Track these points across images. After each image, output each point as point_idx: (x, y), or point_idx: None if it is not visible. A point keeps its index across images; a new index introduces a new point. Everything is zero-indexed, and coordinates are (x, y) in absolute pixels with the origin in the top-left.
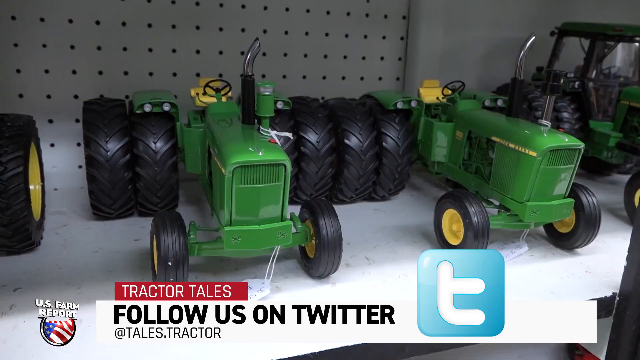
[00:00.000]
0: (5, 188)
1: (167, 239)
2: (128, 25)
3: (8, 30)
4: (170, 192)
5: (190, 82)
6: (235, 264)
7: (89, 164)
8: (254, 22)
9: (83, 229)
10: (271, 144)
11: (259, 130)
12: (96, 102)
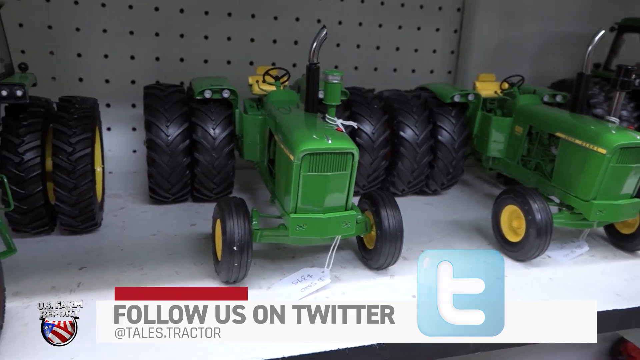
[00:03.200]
0: (73, 168)
1: (232, 224)
2: (185, 12)
3: (71, 15)
4: (226, 179)
5: (243, 70)
6: (292, 252)
7: (149, 147)
8: (308, 12)
9: (140, 212)
10: (338, 132)
11: (325, 118)
12: (157, 87)
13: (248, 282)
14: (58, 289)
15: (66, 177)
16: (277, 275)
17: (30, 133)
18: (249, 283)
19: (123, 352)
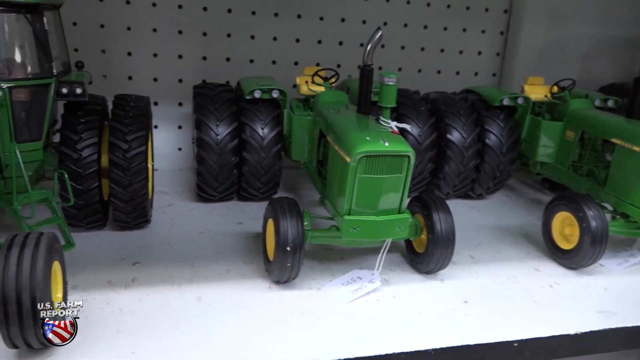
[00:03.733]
0: (129, 165)
1: (286, 224)
2: (233, 12)
3: (122, 14)
4: (272, 179)
5: (288, 70)
6: (340, 253)
7: (199, 146)
8: (354, 12)
9: (187, 209)
10: (394, 134)
11: (379, 120)
12: (206, 87)
13: (298, 283)
14: (114, 283)
15: (121, 174)
16: (326, 277)
17: (88, 130)
18: (298, 283)
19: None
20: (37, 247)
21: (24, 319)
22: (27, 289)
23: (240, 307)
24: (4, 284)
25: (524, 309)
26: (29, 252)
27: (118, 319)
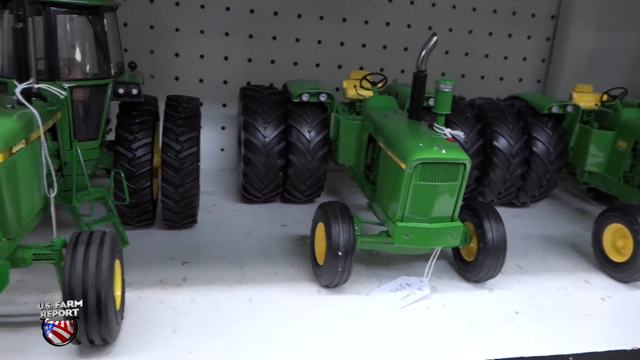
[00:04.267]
0: (181, 166)
1: (338, 229)
2: (279, 15)
3: (172, 15)
4: (317, 182)
5: (332, 73)
6: (385, 258)
7: (246, 147)
8: (399, 16)
9: (231, 210)
10: (450, 142)
11: (432, 126)
12: (253, 89)
13: (346, 287)
14: (166, 282)
15: (174, 174)
16: (374, 282)
17: (143, 130)
18: (346, 288)
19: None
20: (102, 246)
21: (89, 316)
22: (93, 287)
23: (291, 310)
24: (70, 281)
25: (576, 322)
26: (94, 250)
27: (173, 318)
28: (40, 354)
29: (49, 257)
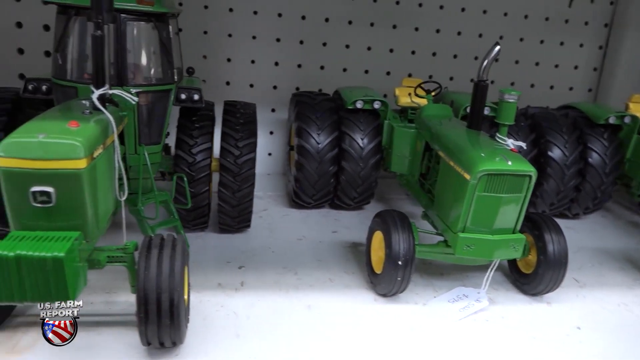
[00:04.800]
0: (239, 171)
1: (398, 238)
2: (330, 22)
3: (225, 21)
4: (368, 189)
5: (380, 79)
6: (439, 268)
7: (299, 153)
8: (450, 23)
9: (282, 215)
10: (514, 153)
11: (494, 137)
12: (307, 95)
13: (402, 296)
14: (224, 286)
15: (232, 179)
16: (429, 292)
17: (203, 135)
18: (403, 297)
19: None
20: (174, 250)
21: (162, 318)
22: (167, 290)
23: (349, 318)
24: (145, 284)
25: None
26: (167, 254)
27: (235, 322)
28: (112, 354)
29: (122, 260)
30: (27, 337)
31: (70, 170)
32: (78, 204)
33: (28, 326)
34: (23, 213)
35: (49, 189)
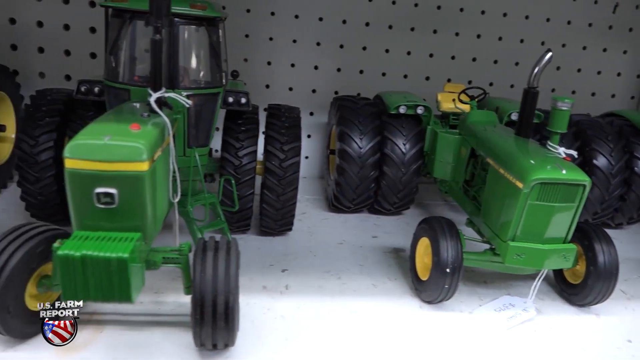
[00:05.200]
0: (283, 175)
1: (446, 245)
2: (371, 26)
3: (266, 25)
4: (409, 194)
5: (419, 84)
6: (482, 276)
7: (341, 157)
8: (491, 29)
9: (321, 218)
10: (568, 162)
11: (546, 145)
12: (348, 99)
13: (447, 304)
14: (269, 289)
15: (276, 183)
16: (474, 300)
17: (249, 138)
18: (448, 305)
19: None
20: (229, 253)
21: (217, 320)
22: (223, 293)
23: (395, 325)
24: (201, 286)
25: None
26: (222, 257)
27: (282, 325)
28: (165, 354)
29: (177, 261)
30: (83, 334)
31: (133, 173)
32: (139, 206)
33: (82, 324)
34: (86, 213)
35: (113, 191)
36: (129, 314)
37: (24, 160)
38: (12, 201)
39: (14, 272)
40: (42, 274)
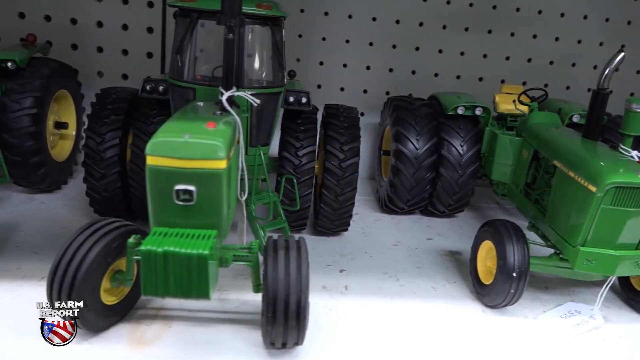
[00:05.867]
0: (343, 175)
1: (512, 249)
2: (425, 26)
3: (320, 25)
4: (464, 197)
5: (472, 85)
6: (544, 281)
7: (396, 158)
8: (547, 29)
9: (374, 219)
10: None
11: (617, 148)
12: (404, 99)
13: (510, 309)
14: (329, 289)
15: (335, 182)
16: (537, 305)
17: (308, 138)
18: (511, 310)
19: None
20: (299, 253)
21: (289, 319)
22: (295, 292)
23: (458, 328)
24: (274, 285)
25: None
26: (293, 256)
27: (346, 326)
28: (234, 351)
29: (247, 259)
30: (152, 329)
31: (212, 170)
32: (216, 203)
33: (151, 319)
34: (165, 210)
35: (192, 188)
36: (194, 310)
37: (90, 157)
38: (72, 197)
39: (92, 266)
40: (115, 268)
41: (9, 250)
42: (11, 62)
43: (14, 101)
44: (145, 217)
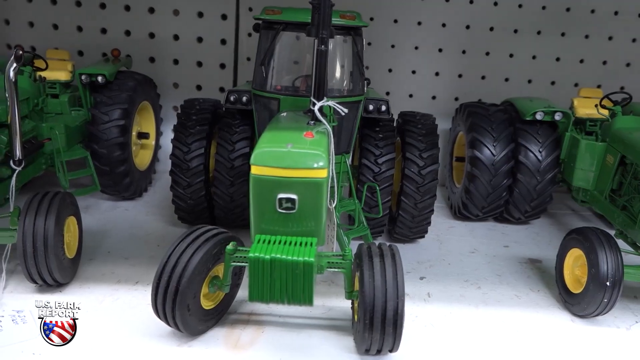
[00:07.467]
0: (422, 182)
1: (605, 257)
2: (495, 30)
3: (389, 33)
4: (542, 203)
5: (544, 89)
6: (632, 291)
7: (472, 164)
8: (624, 30)
9: (447, 226)
10: None
11: None
12: (479, 105)
13: (600, 319)
14: (412, 297)
15: (415, 190)
16: (628, 315)
17: (387, 146)
18: (601, 320)
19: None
20: (394, 260)
21: (386, 326)
22: (392, 299)
23: (548, 338)
24: (372, 292)
25: None
26: (389, 263)
27: (434, 334)
28: (326, 356)
29: (341, 266)
30: (246, 334)
31: (314, 179)
32: (316, 211)
33: (244, 323)
34: (267, 218)
35: (294, 196)
36: (284, 316)
37: (177, 166)
38: (154, 204)
39: (194, 272)
40: (213, 274)
41: (102, 255)
42: (101, 76)
43: (103, 113)
44: (227, 224)
